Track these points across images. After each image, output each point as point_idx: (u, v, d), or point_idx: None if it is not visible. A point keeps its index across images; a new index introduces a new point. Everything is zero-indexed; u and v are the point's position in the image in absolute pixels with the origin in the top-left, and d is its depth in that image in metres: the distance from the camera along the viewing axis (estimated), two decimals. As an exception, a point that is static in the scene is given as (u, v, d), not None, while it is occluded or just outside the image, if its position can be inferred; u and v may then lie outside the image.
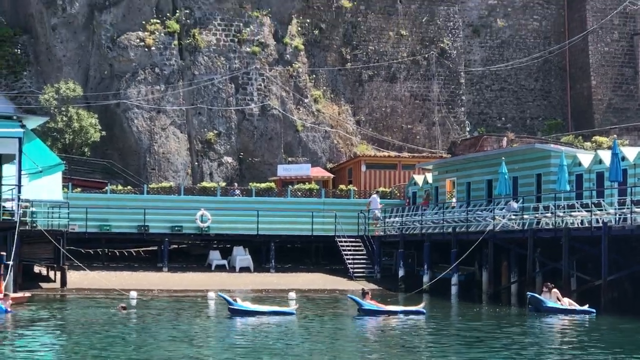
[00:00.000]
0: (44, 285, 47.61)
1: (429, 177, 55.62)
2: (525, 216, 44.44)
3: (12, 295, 38.01)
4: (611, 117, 67.35)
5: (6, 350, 25.34)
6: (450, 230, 48.32)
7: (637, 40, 69.51)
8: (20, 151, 42.84)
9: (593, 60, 68.82)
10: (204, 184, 58.45)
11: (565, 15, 70.75)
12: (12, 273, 40.22)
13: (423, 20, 66.99)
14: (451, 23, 67.45)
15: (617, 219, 39.89)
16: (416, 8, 66.95)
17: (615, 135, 55.24)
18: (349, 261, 53.72)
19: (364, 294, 38.06)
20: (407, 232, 51.97)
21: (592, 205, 41.66)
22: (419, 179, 56.38)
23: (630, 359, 23.87)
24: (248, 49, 61.81)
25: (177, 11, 61.13)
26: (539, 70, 70.30)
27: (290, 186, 57.63)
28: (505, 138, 60.76)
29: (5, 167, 43.95)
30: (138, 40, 59.78)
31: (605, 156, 43.41)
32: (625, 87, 69.14)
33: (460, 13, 68.44)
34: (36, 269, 48.72)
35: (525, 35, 70.62)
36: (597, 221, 40.28)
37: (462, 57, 67.93)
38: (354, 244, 54.56)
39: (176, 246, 53.33)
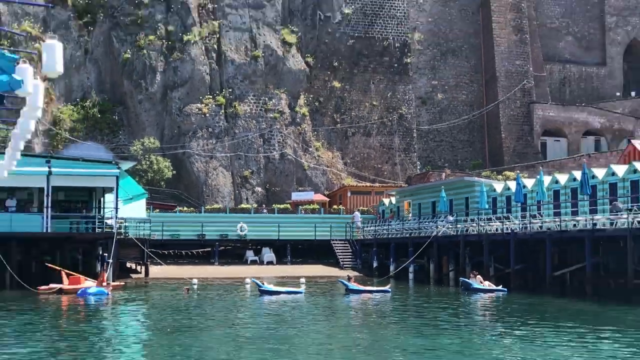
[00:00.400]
0: (133, 275, 47.51)
1: (393, 200, 55.76)
2: (458, 225, 44.31)
3: (112, 283, 37.72)
4: (515, 158, 67.18)
5: (108, 318, 25.07)
6: (407, 235, 48.15)
7: (532, 107, 69.42)
8: (117, 184, 42.47)
9: (503, 121, 68.73)
10: (242, 205, 58.27)
11: (484, 91, 70.62)
12: (111, 268, 39.85)
13: (388, 95, 66.75)
14: (407, 96, 67.21)
15: (520, 227, 39.74)
16: (383, 87, 66.76)
17: (518, 171, 54.99)
18: (340, 257, 53.58)
19: (349, 278, 38.06)
20: (379, 237, 51.89)
21: (503, 218, 41.57)
22: (386, 201, 56.48)
23: (529, 321, 23.79)
24: (271, 115, 61.65)
25: (224, 90, 61.00)
26: (466, 128, 70.17)
27: (300, 206, 57.45)
28: (444, 173, 60.54)
29: (107, 195, 43.71)
30: (197, 109, 59.62)
31: (512, 185, 43.31)
32: (525, 138, 68.97)
33: (413, 90, 68.19)
34: (128, 264, 48.55)
35: (456, 104, 70.46)
36: (507, 229, 40.14)
37: (414, 119, 67.67)
38: (343, 245, 54.43)
39: (223, 248, 53.10)
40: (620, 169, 37.66)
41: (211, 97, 60.31)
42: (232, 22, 62.73)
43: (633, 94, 76.06)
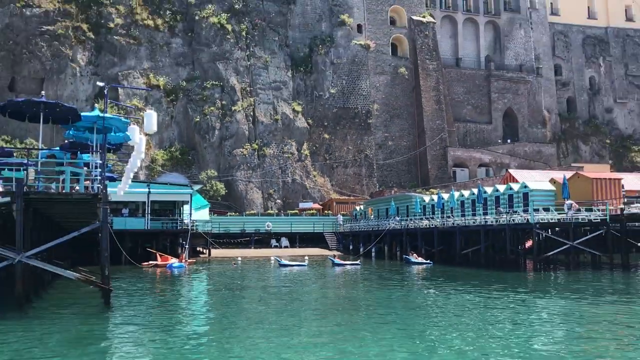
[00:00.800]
0: (201, 255, 47.32)
1: (362, 207, 55.55)
2: (402, 223, 44.26)
3: (188, 260, 37.68)
4: (437, 181, 67.20)
5: (186, 280, 24.97)
6: (371, 229, 48.10)
7: (447, 149, 69.57)
8: (191, 199, 42.50)
9: (429, 158, 68.84)
10: (269, 211, 58.22)
11: (417, 140, 70.65)
12: (187, 250, 39.79)
13: (358, 142, 66.91)
14: (369, 143, 67.42)
15: (440, 223, 39.77)
16: (355, 137, 66.90)
17: (438, 189, 55.07)
18: (329, 243, 53.45)
19: (334, 256, 37.96)
20: (353, 230, 51.76)
21: (430, 219, 41.52)
22: (358, 208, 56.32)
23: (445, 282, 23.70)
24: (286, 155, 61.72)
25: (257, 140, 61.10)
26: (407, 162, 70.14)
27: (304, 212, 57.43)
28: (393, 190, 60.57)
29: (184, 206, 43.70)
30: (240, 152, 59.73)
31: (435, 197, 43.30)
32: (442, 169, 69.05)
33: (373, 139, 68.38)
34: (198, 249, 48.47)
35: (400, 148, 70.47)
36: (432, 225, 40.15)
37: (374, 157, 67.78)
38: (330, 235, 54.31)
39: (257, 237, 52.95)
40: (501, 188, 37.89)
41: (249, 144, 60.54)
42: (262, 98, 63.04)
43: (509, 141, 76.39)
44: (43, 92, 25.42)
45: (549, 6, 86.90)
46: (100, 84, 21.70)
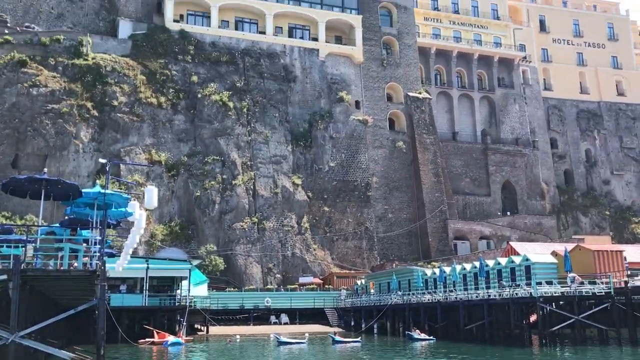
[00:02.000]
0: (199, 333, 46.29)
1: (363, 281, 54.77)
2: (404, 297, 43.61)
3: (185, 337, 36.85)
4: (438, 254, 66.76)
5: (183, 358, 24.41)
6: (372, 304, 47.33)
7: (447, 222, 69.53)
8: (189, 275, 42.04)
9: (429, 230, 68.69)
10: (268, 286, 57.41)
11: (417, 212, 70.78)
12: (184, 327, 38.95)
13: (358, 215, 66.92)
14: (369, 216, 67.41)
15: (443, 298, 39.20)
16: (355, 210, 66.99)
17: (440, 263, 54.67)
18: (330, 319, 52.41)
19: (335, 333, 37.15)
20: (354, 305, 50.88)
21: (433, 293, 40.96)
22: (359, 282, 55.49)
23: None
24: (286, 229, 61.54)
25: (257, 213, 61.10)
26: (407, 235, 69.84)
27: (304, 286, 56.64)
28: (394, 264, 60.05)
29: (183, 282, 43.19)
30: (240, 226, 59.57)
31: (437, 271, 42.90)
32: (443, 241, 68.76)
33: (373, 212, 68.40)
34: (196, 325, 47.44)
35: (400, 221, 70.35)
36: (435, 299, 39.53)
37: (375, 230, 67.60)
38: (331, 311, 53.33)
39: (256, 314, 51.93)
40: (503, 261, 37.60)
41: (249, 218, 60.48)
42: (262, 172, 63.56)
43: (508, 213, 76.46)
44: (45, 169, 25.74)
45: (542, 82, 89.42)
46: (103, 160, 22.03)
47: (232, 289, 54.91)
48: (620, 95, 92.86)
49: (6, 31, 59.58)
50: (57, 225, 21.89)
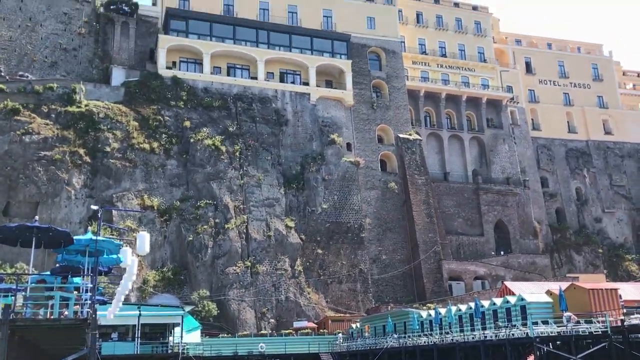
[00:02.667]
0: (192, 380, 45.18)
1: (359, 324, 54.03)
2: (400, 340, 43.06)
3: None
4: (433, 295, 66.21)
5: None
6: (368, 347, 46.63)
7: (441, 262, 69.22)
8: (182, 321, 41.46)
9: (424, 271, 68.33)
10: (262, 331, 56.51)
11: (411, 253, 70.36)
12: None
13: (352, 257, 66.61)
14: (363, 258, 67.03)
15: (439, 340, 38.74)
16: (349, 252, 66.69)
17: (435, 304, 54.21)
18: (325, 363, 51.51)
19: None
20: (350, 350, 50.08)
21: (429, 335, 40.51)
22: (354, 325, 54.72)
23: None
24: (279, 272, 61.07)
25: (250, 257, 60.65)
26: (402, 276, 69.38)
27: (299, 331, 55.79)
28: (389, 306, 59.47)
29: (176, 328, 42.53)
30: (233, 270, 59.05)
31: (432, 313, 42.51)
32: (438, 282, 68.32)
33: (367, 253, 68.07)
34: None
35: (394, 262, 69.95)
36: (431, 341, 39.07)
37: (369, 272, 67.11)
38: (327, 355, 52.35)
39: (250, 360, 50.83)
40: (498, 301, 37.36)
41: (242, 262, 60.01)
42: (255, 215, 63.41)
43: (502, 252, 76.34)
44: (37, 217, 25.63)
45: (530, 122, 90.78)
46: (94, 207, 22.01)
47: (225, 335, 53.99)
48: (608, 134, 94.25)
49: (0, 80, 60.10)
50: (48, 273, 21.65)
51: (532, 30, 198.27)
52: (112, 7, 71.21)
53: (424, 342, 39.91)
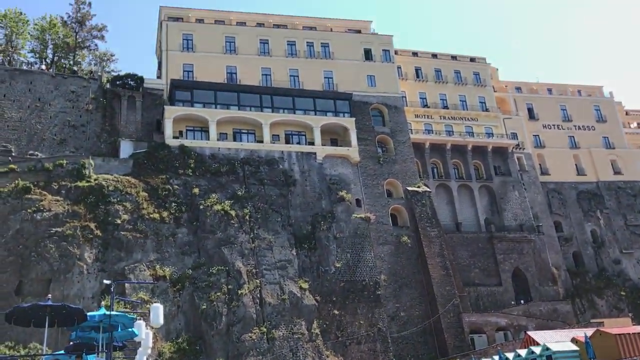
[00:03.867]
0: None
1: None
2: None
3: None
4: (455, 350, 64.27)
5: None
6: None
7: (461, 315, 67.68)
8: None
9: (444, 326, 66.60)
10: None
11: (429, 308, 68.90)
12: None
13: (369, 315, 65.20)
14: (381, 316, 65.64)
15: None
16: (365, 311, 65.39)
17: (458, 359, 52.68)
18: None
19: None
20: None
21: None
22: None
23: None
24: (296, 336, 59.69)
25: (265, 322, 59.47)
26: (422, 332, 67.48)
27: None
28: None
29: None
30: (249, 337, 57.70)
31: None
32: (459, 336, 66.55)
33: (384, 311, 66.78)
34: None
35: (413, 318, 68.25)
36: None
37: (387, 330, 65.58)
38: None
39: None
40: (523, 352, 36.38)
41: (257, 328, 58.97)
42: (268, 279, 62.75)
43: (522, 301, 74.81)
44: (49, 295, 25.52)
45: (538, 167, 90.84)
46: (107, 282, 21.97)
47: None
48: (617, 174, 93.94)
49: (10, 159, 61.22)
50: (62, 352, 21.38)
51: (530, 76, 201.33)
52: (118, 82, 73.31)
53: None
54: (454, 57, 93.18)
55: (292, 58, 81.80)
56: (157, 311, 20.29)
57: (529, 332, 49.15)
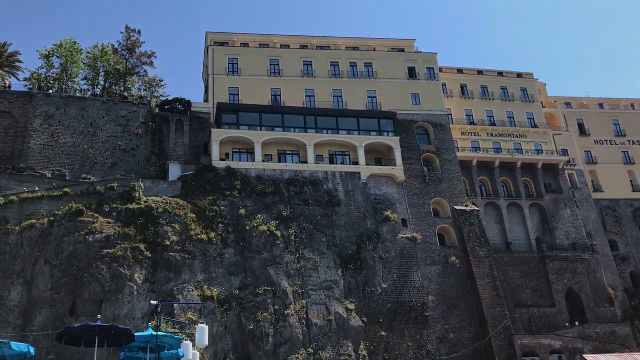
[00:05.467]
0: None
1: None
2: None
3: None
4: None
5: None
6: None
7: (513, 338, 65.46)
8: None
9: (495, 349, 64.71)
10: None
11: (480, 330, 67.16)
12: None
13: (417, 337, 64.02)
14: (430, 338, 64.32)
15: None
16: (414, 332, 64.22)
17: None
18: None
19: None
20: None
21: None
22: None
23: None
24: (344, 358, 59.07)
25: (312, 343, 59.13)
26: (472, 355, 65.81)
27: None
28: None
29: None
30: (296, 358, 57.44)
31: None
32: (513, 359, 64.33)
33: (433, 333, 65.41)
34: None
35: (463, 340, 66.58)
36: None
37: (437, 353, 64.14)
38: None
39: None
40: (579, 377, 34.84)
41: (304, 349, 58.72)
42: (314, 299, 62.58)
43: (577, 324, 72.02)
44: (99, 316, 26.12)
45: (591, 184, 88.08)
46: (154, 302, 22.29)
47: None
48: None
49: (65, 184, 63.43)
50: (112, 372, 21.77)
51: (579, 91, 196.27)
52: (166, 107, 75.39)
53: None
54: (500, 74, 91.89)
55: (336, 78, 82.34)
56: (203, 333, 20.46)
57: (585, 356, 47.28)
